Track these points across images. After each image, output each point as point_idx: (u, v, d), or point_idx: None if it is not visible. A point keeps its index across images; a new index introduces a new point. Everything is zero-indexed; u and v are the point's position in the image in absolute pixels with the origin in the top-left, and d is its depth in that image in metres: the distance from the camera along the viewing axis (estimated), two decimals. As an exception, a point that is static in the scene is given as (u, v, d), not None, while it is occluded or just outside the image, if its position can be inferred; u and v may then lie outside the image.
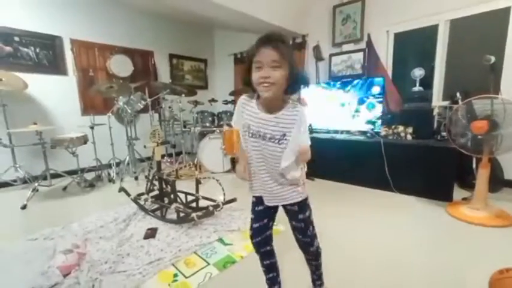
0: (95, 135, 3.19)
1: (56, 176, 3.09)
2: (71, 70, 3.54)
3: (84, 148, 3.01)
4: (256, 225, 1.02)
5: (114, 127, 3.46)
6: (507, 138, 1.83)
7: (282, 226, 1.83)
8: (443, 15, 2.79)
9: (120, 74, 3.95)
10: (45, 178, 2.89)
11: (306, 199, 0.99)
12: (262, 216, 1.01)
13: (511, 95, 2.50)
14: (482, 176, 1.94)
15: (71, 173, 3.14)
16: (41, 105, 3.35)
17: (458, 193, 2.34)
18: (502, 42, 2.53)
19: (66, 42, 3.46)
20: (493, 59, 2.12)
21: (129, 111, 3.27)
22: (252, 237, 1.04)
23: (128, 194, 2.34)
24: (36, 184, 2.69)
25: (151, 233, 1.82)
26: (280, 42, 0.81)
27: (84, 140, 2.90)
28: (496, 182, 2.41)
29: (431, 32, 2.91)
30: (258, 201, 1.00)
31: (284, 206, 0.99)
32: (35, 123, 2.69)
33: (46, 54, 3.33)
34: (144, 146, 2.08)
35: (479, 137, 1.89)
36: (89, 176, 3.27)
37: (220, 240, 1.72)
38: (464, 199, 2.21)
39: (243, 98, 0.95)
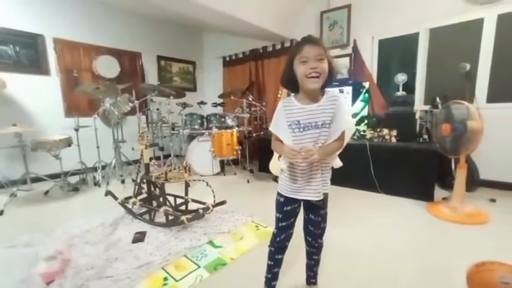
0: (79, 138, 3.10)
1: (37, 180, 2.97)
2: (54, 70, 3.43)
3: (68, 151, 2.91)
4: (283, 223, 1.07)
5: (100, 129, 3.37)
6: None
7: (272, 228, 1.86)
8: (424, 24, 2.94)
9: (107, 75, 3.87)
10: (24, 182, 2.77)
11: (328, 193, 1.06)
12: (290, 215, 1.06)
13: (484, 100, 2.70)
14: (460, 176, 2.05)
15: (53, 176, 3.02)
16: (21, 106, 3.22)
17: (439, 193, 2.46)
18: (477, 51, 2.70)
19: (49, 41, 3.35)
20: (468, 66, 2.26)
21: (116, 113, 3.20)
22: (276, 234, 1.09)
23: (115, 198, 2.29)
24: (14, 189, 2.57)
25: (139, 237, 1.79)
26: (320, 41, 0.92)
27: (68, 142, 2.82)
28: (473, 182, 2.55)
29: (413, 40, 3.06)
30: (287, 201, 1.04)
31: (308, 201, 1.03)
32: (15, 125, 2.58)
33: (27, 53, 3.21)
34: (132, 149, 2.04)
35: (447, 138, 2.02)
36: (73, 179, 3.16)
37: (211, 242, 1.71)
38: (444, 199, 2.32)
39: (283, 102, 1.01)
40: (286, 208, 1.05)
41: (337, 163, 1.05)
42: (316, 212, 1.07)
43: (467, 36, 2.78)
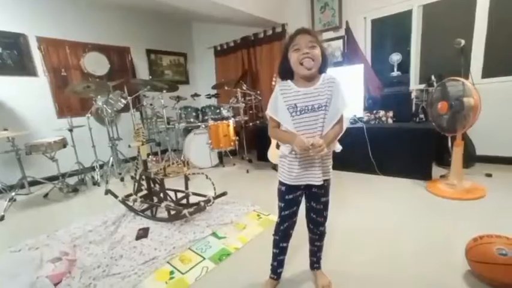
0: (74, 138, 3.06)
1: (34, 183, 2.95)
2: (41, 70, 3.33)
3: (64, 152, 2.88)
4: (286, 212, 1.08)
5: (95, 128, 3.33)
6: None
7: (274, 216, 1.88)
8: (416, 0, 2.88)
9: (96, 73, 3.77)
10: (22, 186, 2.75)
11: (330, 180, 1.06)
12: (292, 204, 1.07)
13: (479, 76, 2.68)
14: (457, 153, 2.07)
15: (51, 179, 3.01)
16: (10, 109, 3.14)
17: (436, 171, 2.48)
18: (471, 26, 2.65)
19: (32, 41, 3.24)
20: (463, 42, 2.23)
21: (109, 110, 3.15)
22: (280, 223, 1.11)
23: (115, 196, 2.28)
24: (13, 193, 2.56)
25: (143, 233, 1.80)
26: (312, 31, 0.97)
27: (63, 143, 2.78)
28: (470, 159, 2.58)
29: (406, 18, 3.00)
30: (289, 190, 1.04)
31: (310, 189, 1.04)
32: (6, 129, 2.53)
33: (10, 53, 3.10)
34: (129, 146, 2.02)
35: (444, 116, 2.01)
36: (72, 180, 3.15)
37: (214, 234, 1.73)
38: (442, 176, 2.35)
39: (279, 86, 1.01)
40: (288, 197, 1.05)
41: (338, 147, 1.05)
42: (318, 199, 1.07)
43: (460, 11, 2.73)
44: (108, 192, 2.41)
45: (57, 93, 3.43)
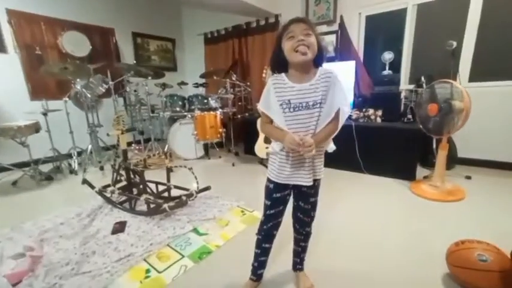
0: (50, 123, 2.85)
1: (2, 169, 2.74)
2: (11, 47, 3.06)
3: (37, 137, 2.69)
4: (272, 211, 1.03)
5: (74, 113, 3.13)
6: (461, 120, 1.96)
7: (258, 213, 1.83)
8: (412, -2, 2.85)
9: (76, 54, 3.53)
10: (-12, 172, 2.55)
11: (320, 179, 1.01)
12: (279, 203, 1.02)
13: (466, 80, 2.71)
14: (441, 156, 2.09)
15: (21, 165, 2.81)
16: (-24, 88, 2.89)
17: (420, 171, 2.52)
18: (462, 29, 2.66)
19: (2, 13, 2.95)
20: (454, 44, 2.22)
21: (89, 95, 2.96)
22: (264, 222, 1.06)
23: (92, 187, 2.16)
24: (-23, 180, 2.37)
25: (119, 227, 1.71)
26: (308, 20, 0.91)
27: (35, 128, 2.59)
28: (451, 160, 2.63)
29: (400, 16, 2.97)
30: (277, 188, 0.99)
31: (299, 189, 0.99)
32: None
33: (-25, 27, 2.82)
34: (107, 134, 1.89)
35: (433, 118, 2.02)
36: (46, 167, 2.96)
37: (195, 230, 1.66)
38: (425, 177, 2.38)
39: (272, 79, 0.94)
40: (275, 195, 1.00)
41: (331, 147, 1.00)
42: (306, 199, 1.03)
43: (453, 13, 2.72)
44: (84, 182, 2.28)
45: (30, 73, 3.17)
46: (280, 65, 0.93)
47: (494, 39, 2.57)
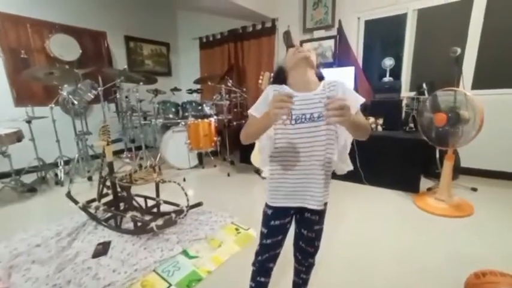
0: (35, 130, 2.70)
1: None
2: (-5, 50, 2.91)
3: (21, 146, 2.53)
4: (268, 241, 0.89)
5: (62, 120, 2.98)
6: (467, 132, 1.86)
7: (253, 231, 1.70)
8: (412, 3, 2.77)
9: (65, 58, 3.38)
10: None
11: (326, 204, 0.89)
12: (278, 232, 0.88)
13: (469, 87, 2.63)
14: (447, 168, 1.98)
15: (2, 176, 2.64)
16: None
17: (423, 182, 2.40)
18: (464, 35, 2.58)
19: (-15, 15, 2.81)
20: (459, 50, 2.13)
21: (76, 102, 2.81)
22: (259, 253, 0.93)
23: (75, 202, 2.01)
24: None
25: (102, 250, 1.56)
26: None
27: (17, 137, 2.44)
28: (455, 171, 2.53)
29: (400, 21, 2.89)
30: (276, 214, 0.87)
31: (302, 214, 0.88)
32: None
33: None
34: (92, 146, 1.75)
35: (440, 129, 1.91)
36: (30, 178, 2.79)
37: (185, 252, 1.52)
38: (429, 189, 2.27)
39: (271, 88, 0.86)
40: (274, 223, 0.87)
41: (348, 164, 0.86)
42: (310, 226, 0.89)
43: (455, 19, 2.65)
44: (68, 196, 2.12)
45: (14, 78, 3.02)
46: (280, 77, 0.88)
47: (498, 46, 2.49)
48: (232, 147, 3.56)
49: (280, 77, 0.88)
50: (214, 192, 2.48)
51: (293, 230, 0.94)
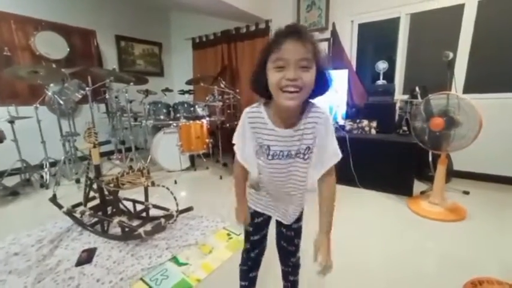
0: (19, 131, 2.59)
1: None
2: (-25, 47, 2.79)
3: (2, 147, 2.42)
4: (256, 237, 0.92)
5: (48, 120, 2.87)
6: (459, 135, 1.86)
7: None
8: (405, 8, 2.79)
9: (51, 56, 3.27)
10: None
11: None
12: (262, 226, 0.92)
13: (461, 91, 2.65)
14: (440, 172, 1.98)
15: (-18, 179, 2.52)
16: None
17: (416, 185, 2.40)
18: (456, 39, 2.61)
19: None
20: (451, 55, 2.15)
21: (61, 102, 2.71)
22: (249, 250, 0.94)
23: (60, 206, 1.91)
24: None
25: (86, 257, 1.48)
26: (309, 35, 0.62)
27: (-2, 138, 2.32)
28: (448, 174, 2.54)
29: (393, 25, 2.91)
30: (258, 213, 0.90)
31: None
32: None
33: None
34: (76, 149, 1.67)
35: (437, 133, 1.91)
36: (13, 181, 2.66)
37: (174, 259, 1.46)
38: (422, 192, 2.27)
39: (247, 113, 0.74)
40: (257, 220, 0.90)
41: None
42: (289, 225, 0.89)
43: (447, 23, 2.68)
44: (51, 200, 2.03)
45: (-3, 77, 2.89)
46: (262, 88, 0.68)
47: (489, 50, 2.53)
48: (225, 149, 3.50)
49: (262, 87, 0.68)
50: (206, 196, 2.42)
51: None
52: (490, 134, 2.52)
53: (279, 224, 0.92)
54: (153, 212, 1.87)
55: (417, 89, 2.61)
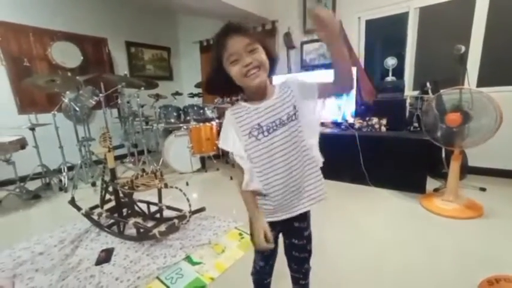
0: (39, 137, 2.72)
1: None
2: (-2, 59, 2.94)
3: (24, 153, 2.54)
4: (270, 251, 0.89)
5: (65, 126, 3.00)
6: (474, 130, 1.82)
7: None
8: (413, 2, 2.74)
9: (67, 65, 3.41)
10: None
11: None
12: (276, 239, 0.88)
13: (474, 85, 2.58)
14: (454, 168, 1.94)
15: (6, 183, 2.66)
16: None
17: (429, 183, 2.35)
18: (468, 33, 2.54)
19: (-13, 26, 2.85)
20: (463, 48, 2.09)
21: (77, 108, 2.82)
22: (261, 259, 0.93)
23: (78, 208, 2.00)
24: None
25: (105, 256, 1.55)
26: (242, 25, 0.73)
27: (20, 144, 2.44)
28: (462, 170, 2.48)
29: (402, 20, 2.86)
30: (270, 224, 0.84)
31: (290, 224, 0.86)
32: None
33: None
34: (92, 153, 1.74)
35: (454, 129, 1.86)
36: (35, 185, 2.80)
37: (188, 258, 1.50)
38: (435, 190, 2.23)
39: (230, 111, 0.80)
40: (273, 231, 0.85)
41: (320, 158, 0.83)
42: (300, 235, 0.88)
43: (458, 17, 2.61)
44: (70, 202, 2.12)
45: (18, 86, 3.04)
46: (224, 87, 0.79)
47: (503, 42, 2.45)
48: (235, 150, 3.54)
49: (226, 89, 0.81)
50: (218, 196, 2.47)
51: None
52: (506, 128, 2.44)
53: (288, 236, 0.90)
54: (166, 213, 1.93)
55: (428, 84, 2.55)
